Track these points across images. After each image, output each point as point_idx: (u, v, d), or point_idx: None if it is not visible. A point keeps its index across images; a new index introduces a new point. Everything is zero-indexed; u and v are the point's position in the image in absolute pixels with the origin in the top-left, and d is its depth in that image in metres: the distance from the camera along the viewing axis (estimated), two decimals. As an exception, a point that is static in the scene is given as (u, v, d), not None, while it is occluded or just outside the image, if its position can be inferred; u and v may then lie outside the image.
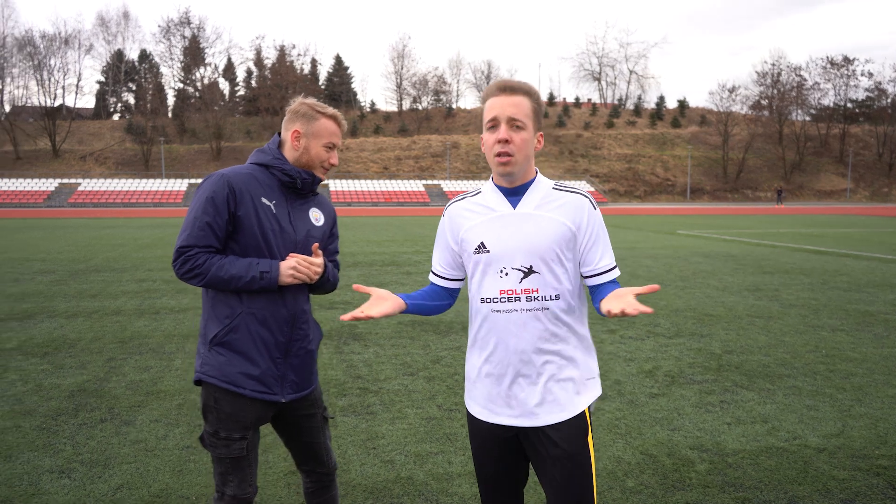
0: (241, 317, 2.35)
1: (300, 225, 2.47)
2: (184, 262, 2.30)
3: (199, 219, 2.31)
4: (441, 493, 3.53)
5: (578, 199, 2.09)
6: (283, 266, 2.34)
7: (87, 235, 22.02)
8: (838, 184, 79.04)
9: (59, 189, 58.43)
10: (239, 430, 2.37)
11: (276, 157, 2.45)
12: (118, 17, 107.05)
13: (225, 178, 2.34)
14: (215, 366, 2.36)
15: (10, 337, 7.10)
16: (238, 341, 2.35)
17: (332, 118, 2.49)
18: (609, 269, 2.12)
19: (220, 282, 2.30)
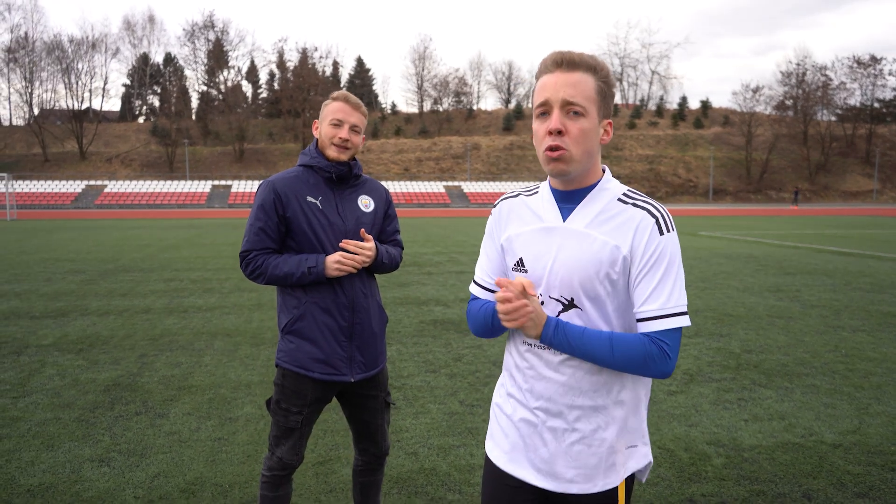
0: (305, 306, 2.59)
1: (349, 214, 2.66)
2: (246, 264, 2.63)
3: (254, 225, 2.60)
4: (464, 484, 3.66)
5: (641, 215, 1.60)
6: (328, 260, 2.55)
7: (114, 236, 22.46)
8: (864, 184, 77.97)
9: (86, 191, 59.44)
10: (297, 406, 2.63)
11: (314, 157, 2.66)
12: (144, 21, 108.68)
13: (271, 185, 2.60)
14: (287, 352, 2.62)
15: (46, 334, 7.35)
16: (305, 329, 2.59)
17: (337, 98, 2.66)
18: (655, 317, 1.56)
19: (277, 279, 2.58)
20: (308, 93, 79.97)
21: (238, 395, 5.21)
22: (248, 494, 3.54)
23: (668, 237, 1.59)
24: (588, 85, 1.59)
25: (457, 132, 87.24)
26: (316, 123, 2.71)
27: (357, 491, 2.95)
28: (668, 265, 1.57)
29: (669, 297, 1.56)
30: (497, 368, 5.94)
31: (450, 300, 9.49)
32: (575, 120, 1.59)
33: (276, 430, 2.67)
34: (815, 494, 3.52)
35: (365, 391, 2.75)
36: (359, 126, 2.66)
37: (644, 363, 1.55)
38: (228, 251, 16.93)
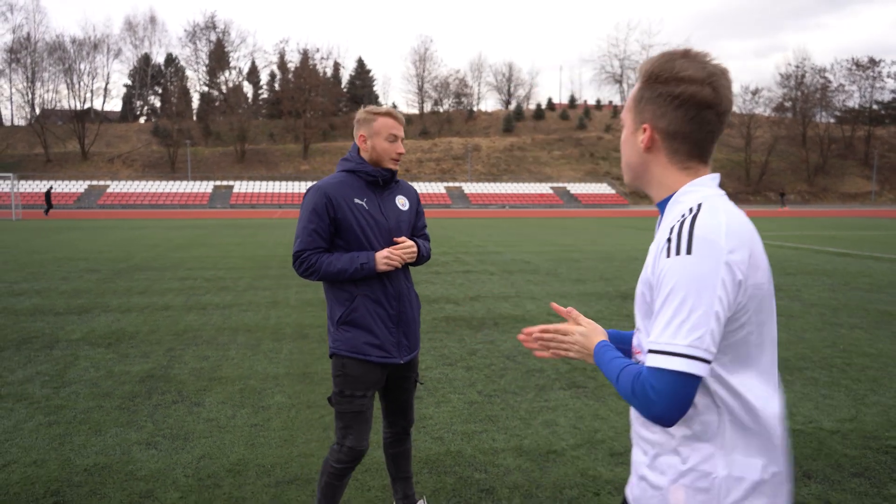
0: (358, 298, 2.86)
1: (390, 213, 2.95)
2: (300, 263, 2.85)
3: (307, 227, 2.84)
4: (489, 465, 3.94)
5: (663, 236, 1.43)
6: (378, 256, 2.83)
7: (121, 236, 22.73)
8: (863, 186, 78.33)
9: (88, 191, 59.71)
10: (361, 389, 2.88)
11: (358, 163, 2.94)
12: (145, 22, 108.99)
13: (322, 190, 2.86)
14: (344, 340, 2.87)
15: (73, 329, 7.63)
16: (359, 318, 2.86)
17: (387, 115, 2.92)
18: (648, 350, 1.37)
19: (330, 276, 2.83)
20: (309, 93, 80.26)
21: (267, 385, 5.49)
22: (290, 474, 3.82)
23: (676, 261, 1.34)
24: (631, 94, 1.58)
25: (457, 133, 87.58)
26: (363, 136, 2.92)
27: (391, 463, 3.24)
28: (669, 294, 1.34)
29: (663, 330, 1.34)
30: (510, 361, 6.22)
31: (459, 298, 9.77)
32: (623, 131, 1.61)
33: (344, 421, 2.89)
34: (815, 474, 3.80)
35: (404, 372, 3.05)
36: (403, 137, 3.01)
37: (630, 400, 1.39)
38: (237, 251, 17.21)
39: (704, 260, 1.33)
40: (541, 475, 3.80)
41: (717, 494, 1.39)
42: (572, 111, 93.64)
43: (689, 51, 1.49)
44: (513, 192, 65.93)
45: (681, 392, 1.31)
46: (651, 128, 1.51)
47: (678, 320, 1.32)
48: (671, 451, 1.44)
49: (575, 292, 10.36)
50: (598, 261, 14.90)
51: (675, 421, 1.34)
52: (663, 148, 1.52)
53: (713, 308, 1.31)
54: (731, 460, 1.40)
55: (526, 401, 5.12)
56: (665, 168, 1.53)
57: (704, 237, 1.34)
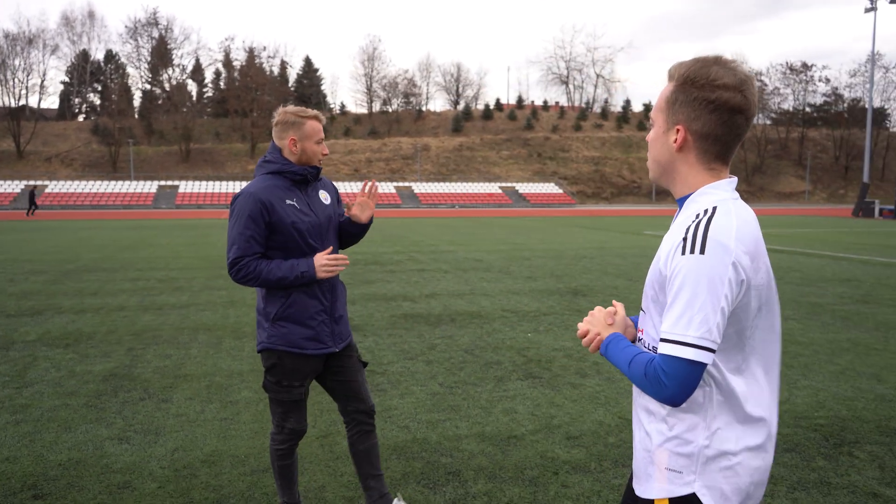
0: (293, 295, 2.97)
1: (318, 208, 3.07)
2: (238, 270, 2.91)
3: (243, 233, 2.90)
4: (454, 450, 4.17)
5: (676, 235, 1.57)
6: (316, 265, 2.94)
7: (66, 237, 22.18)
8: (797, 186, 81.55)
9: (25, 191, 57.65)
10: (299, 380, 3.04)
11: (284, 164, 3.02)
12: (83, 17, 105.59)
13: (255, 196, 2.92)
14: (279, 335, 2.98)
15: (27, 331, 7.56)
16: (295, 314, 2.97)
17: (315, 118, 3.04)
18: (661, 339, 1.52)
19: (269, 283, 2.92)
20: (255, 92, 79.20)
21: (233, 381, 5.61)
22: (263, 463, 3.97)
23: (690, 259, 1.49)
24: (662, 95, 1.67)
25: (406, 133, 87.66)
26: (294, 138, 2.99)
27: (359, 462, 3.20)
28: (680, 288, 1.49)
29: (676, 321, 1.49)
30: (468, 355, 6.47)
31: (416, 296, 9.98)
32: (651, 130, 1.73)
33: (282, 407, 3.07)
34: (752, 450, 4.15)
35: (344, 353, 3.17)
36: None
37: (642, 383, 1.55)
38: (188, 251, 17.04)
39: (715, 260, 1.48)
40: (503, 458, 4.05)
41: (695, 460, 1.57)
42: (520, 111, 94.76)
43: (720, 58, 1.61)
44: (462, 192, 66.41)
45: (689, 377, 1.48)
46: (685, 129, 1.61)
47: (689, 314, 1.47)
48: (661, 419, 1.62)
49: (527, 289, 10.69)
50: (548, 259, 15.31)
51: (683, 402, 1.51)
52: (694, 148, 1.62)
53: (720, 304, 1.47)
54: (711, 432, 1.56)
55: (486, 391, 5.37)
56: (692, 167, 1.64)
57: (717, 239, 1.49)
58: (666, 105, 1.64)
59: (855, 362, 6.23)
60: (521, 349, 6.74)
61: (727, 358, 1.56)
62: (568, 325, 7.92)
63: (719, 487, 1.57)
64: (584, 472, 3.84)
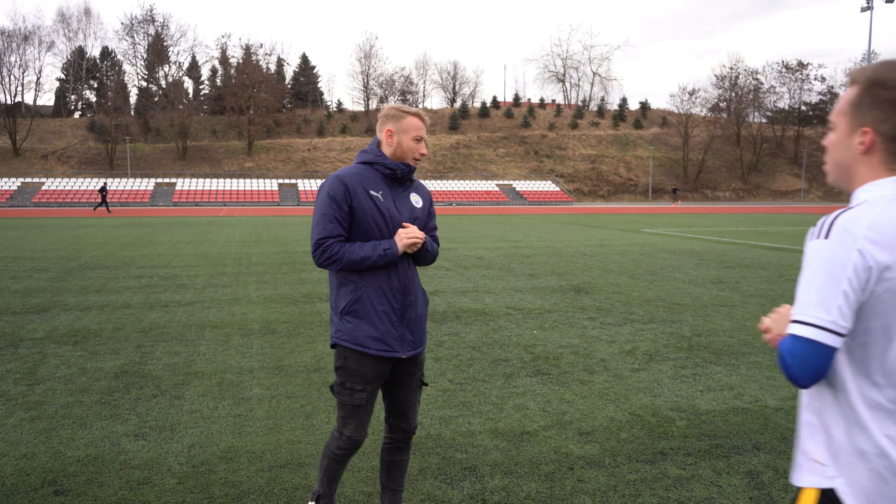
0: (363, 290, 2.89)
1: (404, 208, 3.00)
2: (322, 251, 2.85)
3: (328, 214, 2.86)
4: (468, 446, 4.21)
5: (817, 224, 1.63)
6: (397, 240, 2.89)
7: (65, 234, 22.15)
8: (793, 184, 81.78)
9: (21, 188, 57.52)
10: (361, 384, 2.92)
11: (378, 155, 2.99)
12: (79, 14, 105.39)
13: (339, 178, 2.90)
14: (346, 331, 2.91)
15: (35, 328, 7.57)
16: (362, 310, 2.89)
17: (416, 115, 3.01)
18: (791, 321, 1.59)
19: (353, 264, 2.85)
20: (252, 90, 79.01)
21: (244, 379, 5.64)
22: (281, 459, 4.01)
23: (815, 244, 1.57)
24: (844, 99, 1.69)
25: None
26: (390, 131, 2.98)
27: (384, 471, 3.20)
28: (805, 272, 1.57)
29: (799, 302, 1.56)
30: (476, 352, 6.51)
31: (419, 293, 10.00)
32: (830, 135, 1.74)
33: (343, 411, 2.98)
34: (763, 446, 4.21)
35: (408, 368, 3.04)
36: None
37: (780, 365, 1.60)
38: (189, 249, 17.04)
39: (837, 245, 1.52)
40: (518, 453, 4.10)
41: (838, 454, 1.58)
42: (517, 109, 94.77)
43: None
44: (460, 190, 66.44)
45: (810, 358, 1.51)
46: (872, 131, 1.61)
47: (809, 295, 1.53)
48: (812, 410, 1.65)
49: (530, 286, 10.73)
50: (548, 256, 15.36)
51: (809, 383, 1.55)
52: (881, 150, 1.62)
53: (840, 287, 1.50)
54: (857, 428, 1.56)
55: (496, 387, 5.41)
56: (874, 169, 1.64)
57: (842, 226, 1.54)
58: (850, 108, 1.65)
59: (859, 359, 6.28)
60: (527, 346, 6.78)
61: (872, 353, 1.56)
62: (573, 322, 7.97)
63: (861, 486, 1.56)
64: (598, 468, 3.88)
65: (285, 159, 74.96)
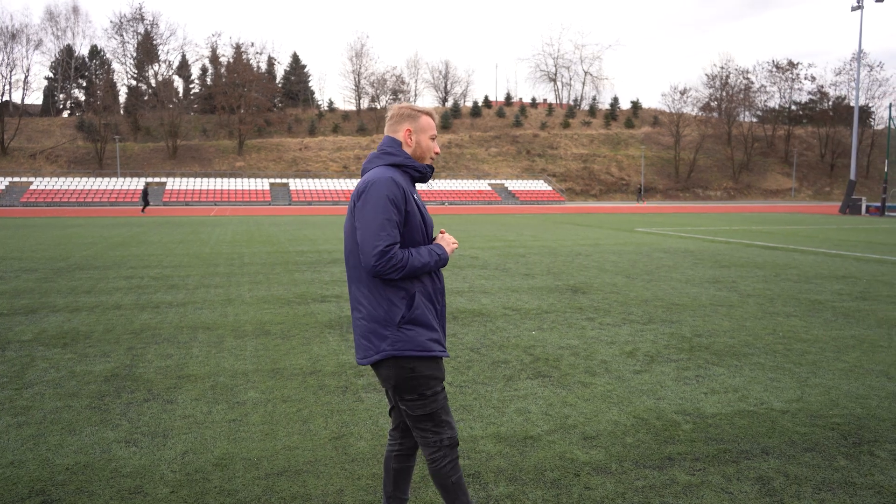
0: (417, 296, 2.78)
1: (425, 209, 2.94)
2: (388, 259, 2.65)
3: (391, 219, 2.68)
4: (471, 451, 4.10)
5: None
6: (445, 245, 2.88)
7: (54, 234, 21.89)
8: (784, 183, 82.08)
9: (9, 188, 56.98)
10: (438, 384, 2.83)
11: (407, 157, 2.87)
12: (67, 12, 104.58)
13: (395, 180, 2.73)
14: (408, 340, 2.74)
15: (23, 330, 7.41)
16: (421, 316, 2.78)
17: (429, 114, 2.96)
18: None
19: (414, 271, 2.73)
20: (243, 89, 78.58)
21: (238, 382, 5.50)
22: (277, 466, 3.88)
23: None
24: None
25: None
26: (409, 130, 2.88)
27: (389, 479, 3.08)
28: None
29: None
30: (475, 354, 6.39)
31: (415, 294, 9.88)
32: None
33: (433, 420, 2.80)
34: (772, 450, 4.11)
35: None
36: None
37: None
38: (180, 249, 16.85)
39: None
40: (521, 459, 3.98)
41: None
42: (508, 109, 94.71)
43: None
44: (452, 189, 66.30)
45: None
46: None
47: None
48: None
49: (526, 287, 10.63)
50: (543, 256, 15.26)
51: None
52: None
53: None
54: None
55: (496, 390, 5.30)
56: None
57: None
58: None
59: (862, 359, 6.22)
60: (526, 348, 6.68)
61: None
62: (571, 322, 7.86)
63: None
64: (605, 474, 3.78)
65: (276, 159, 74.60)
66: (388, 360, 2.76)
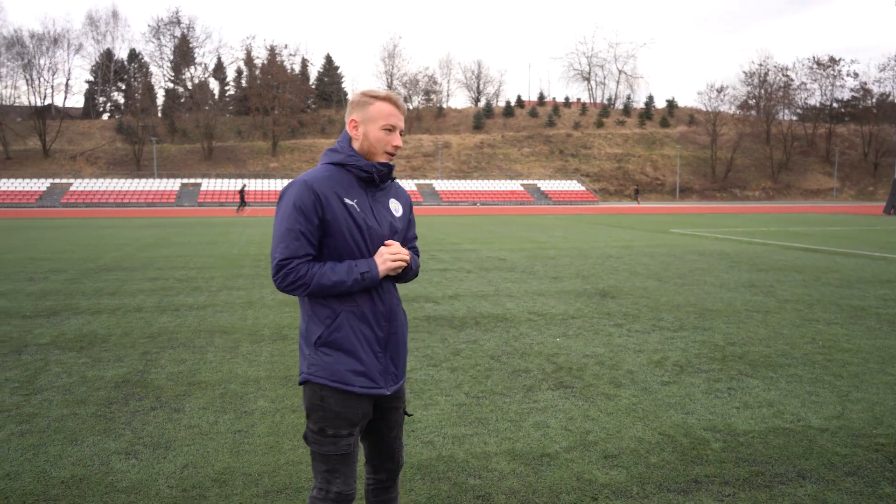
0: (342, 315, 2.39)
1: (383, 218, 2.48)
2: (285, 275, 2.34)
3: (293, 229, 2.34)
4: (482, 470, 3.86)
5: None
6: (379, 261, 2.40)
7: (88, 235, 22.19)
8: (825, 183, 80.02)
9: (50, 189, 58.30)
10: (347, 427, 2.41)
11: (350, 155, 2.45)
12: (107, 17, 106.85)
13: (308, 185, 2.36)
14: (322, 365, 2.39)
15: (42, 333, 7.37)
16: (342, 339, 2.39)
17: (387, 99, 2.45)
18: None
19: (323, 289, 2.35)
20: (277, 90, 79.31)
21: (249, 390, 5.35)
22: (278, 483, 3.69)
23: None
24: None
25: (427, 130, 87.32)
26: (355, 119, 2.46)
27: None
28: None
29: None
30: (495, 361, 6.15)
31: (438, 297, 9.68)
32: None
33: (327, 464, 2.42)
34: (809, 474, 3.80)
35: (389, 404, 2.58)
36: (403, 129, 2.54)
37: None
38: (208, 250, 16.90)
39: None
40: (536, 479, 3.74)
41: None
42: (541, 108, 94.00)
43: None
44: (483, 190, 66.00)
45: None
46: None
47: None
48: None
49: (553, 290, 10.34)
50: (573, 258, 14.93)
51: None
52: None
53: None
54: None
55: (514, 402, 5.05)
56: None
57: None
58: None
59: (909, 372, 5.82)
60: (549, 355, 6.41)
61: None
62: (598, 329, 7.57)
63: None
64: (625, 498, 3.51)
65: (310, 159, 75.11)
66: (305, 384, 2.45)
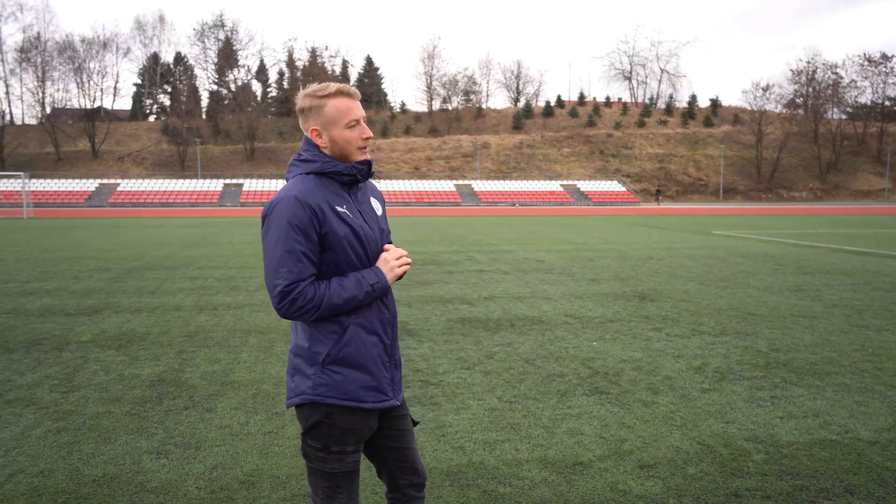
0: (350, 329, 2.25)
1: (371, 220, 2.36)
2: (292, 301, 2.16)
3: (293, 251, 2.16)
4: (513, 477, 3.77)
5: None
6: (385, 269, 2.29)
7: (132, 234, 22.68)
8: (876, 183, 77.62)
9: (99, 189, 59.90)
10: (353, 444, 2.30)
11: (326, 161, 2.28)
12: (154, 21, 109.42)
13: (299, 199, 2.19)
14: (332, 385, 2.24)
15: (83, 331, 7.51)
16: (353, 355, 2.25)
17: (338, 94, 2.27)
18: None
19: (334, 309, 2.20)
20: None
21: (281, 390, 5.34)
22: (305, 487, 3.66)
23: None
24: None
25: (466, 131, 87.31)
26: (315, 129, 2.28)
27: None
28: None
29: None
30: (529, 365, 6.05)
31: (474, 299, 9.60)
32: None
33: (329, 481, 2.29)
34: (857, 490, 3.62)
35: (400, 411, 2.45)
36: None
37: None
38: (248, 249, 17.10)
39: None
40: (568, 489, 3.63)
41: None
42: (581, 108, 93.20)
43: None
44: (522, 190, 65.68)
45: None
46: None
47: None
48: None
49: (591, 292, 10.18)
50: (612, 260, 14.70)
51: None
52: None
53: None
54: None
55: (548, 407, 4.94)
56: None
57: None
58: None
59: (966, 383, 5.54)
60: (585, 360, 6.28)
61: None
62: (636, 333, 7.40)
63: None
64: (661, 511, 3.38)
65: (349, 160, 75.78)
66: (308, 405, 2.28)
